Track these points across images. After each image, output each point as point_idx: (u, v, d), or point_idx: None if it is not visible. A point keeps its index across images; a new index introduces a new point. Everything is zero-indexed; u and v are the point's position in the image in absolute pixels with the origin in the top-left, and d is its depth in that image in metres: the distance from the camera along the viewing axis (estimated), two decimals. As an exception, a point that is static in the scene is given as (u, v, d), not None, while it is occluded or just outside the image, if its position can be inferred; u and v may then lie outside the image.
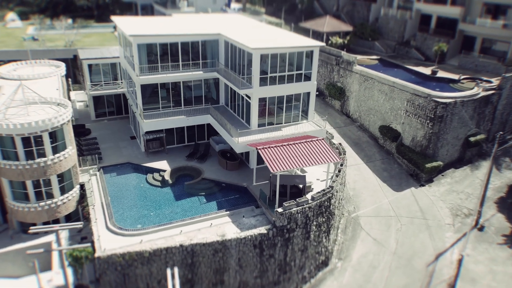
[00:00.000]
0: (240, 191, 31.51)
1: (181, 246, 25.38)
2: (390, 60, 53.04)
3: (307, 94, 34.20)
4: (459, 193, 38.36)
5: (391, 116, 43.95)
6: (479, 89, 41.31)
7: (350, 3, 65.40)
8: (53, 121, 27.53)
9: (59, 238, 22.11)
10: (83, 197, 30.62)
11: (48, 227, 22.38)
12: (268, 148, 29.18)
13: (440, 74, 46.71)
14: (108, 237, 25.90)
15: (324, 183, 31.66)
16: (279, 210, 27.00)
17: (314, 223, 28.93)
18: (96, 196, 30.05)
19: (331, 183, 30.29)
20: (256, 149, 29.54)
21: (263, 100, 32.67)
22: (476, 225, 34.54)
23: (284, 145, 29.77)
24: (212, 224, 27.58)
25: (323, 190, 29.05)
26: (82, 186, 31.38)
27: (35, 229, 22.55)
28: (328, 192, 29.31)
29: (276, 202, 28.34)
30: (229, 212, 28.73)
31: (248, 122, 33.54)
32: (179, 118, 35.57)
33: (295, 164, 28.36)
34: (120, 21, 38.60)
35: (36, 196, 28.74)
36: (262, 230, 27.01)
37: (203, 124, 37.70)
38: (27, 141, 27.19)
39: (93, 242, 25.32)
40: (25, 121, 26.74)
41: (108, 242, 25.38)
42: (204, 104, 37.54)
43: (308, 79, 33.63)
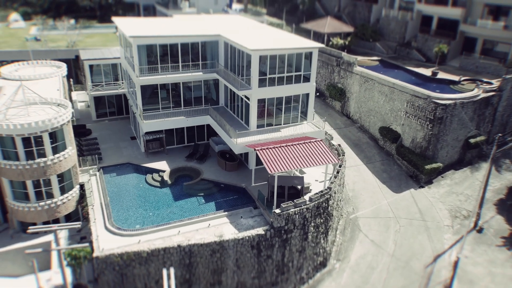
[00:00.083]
0: (239, 192, 31.60)
1: (179, 247, 25.51)
2: (391, 61, 52.99)
3: (306, 95, 34.27)
4: (459, 195, 38.30)
5: (391, 117, 43.95)
6: (479, 91, 41.21)
7: (351, 4, 65.40)
8: (53, 122, 27.74)
9: (58, 238, 22.27)
10: (83, 197, 30.82)
11: (47, 227, 22.58)
12: (267, 149, 29.27)
13: (441, 76, 46.66)
14: (107, 237, 26.08)
15: (323, 184, 31.71)
16: (277, 211, 27.10)
17: (312, 224, 29.00)
18: (96, 196, 30.25)
19: (329, 184, 30.35)
20: (255, 150, 29.62)
21: (262, 101, 32.76)
22: (475, 227, 34.49)
23: (283, 146, 29.85)
24: (210, 225, 27.71)
25: (321, 191, 29.11)
26: (82, 186, 31.57)
27: (34, 229, 22.75)
28: (326, 193, 29.37)
29: (274, 203, 28.42)
30: (227, 213, 28.85)
31: (247, 123, 33.64)
32: (179, 119, 35.72)
33: (293, 165, 28.43)
34: (121, 22, 38.80)
35: (36, 196, 28.95)
36: (260, 231, 27.10)
37: (203, 125, 37.83)
38: (27, 141, 27.42)
39: (92, 242, 25.52)
40: (25, 122, 26.96)
41: (107, 242, 25.55)
42: (204, 105, 37.68)
43: (307, 80, 33.69)
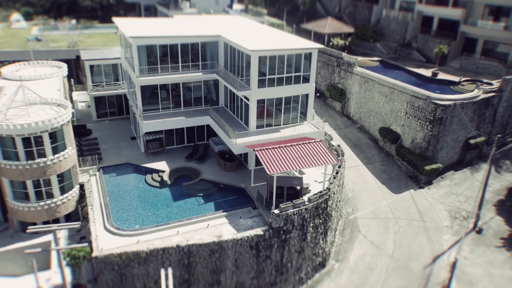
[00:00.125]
0: (238, 192, 31.67)
1: (178, 247, 25.59)
2: (391, 62, 52.98)
3: (306, 96, 34.31)
4: (458, 196, 38.28)
5: (391, 118, 43.95)
6: (479, 92, 41.18)
7: (352, 5, 65.40)
8: (53, 122, 27.86)
9: (57, 238, 22.36)
10: (83, 197, 30.94)
11: (46, 227, 22.70)
12: (265, 150, 29.33)
13: (441, 76, 46.64)
14: (106, 237, 26.18)
15: (322, 185, 31.73)
16: (276, 212, 27.15)
17: (311, 225, 29.04)
18: (95, 196, 30.34)
19: (328, 185, 30.38)
20: (254, 151, 29.68)
21: (262, 102, 32.82)
22: (475, 228, 34.46)
23: (282, 147, 29.90)
24: (209, 225, 27.77)
25: (320, 192, 29.16)
26: (82, 186, 31.70)
27: (33, 229, 22.86)
28: (325, 194, 29.41)
29: (273, 204, 28.47)
30: (226, 213, 28.91)
31: (247, 124, 33.70)
32: (179, 119, 35.81)
33: (292, 166, 28.47)
34: (121, 22, 38.92)
35: (36, 196, 29.08)
36: (259, 231, 27.16)
37: (203, 125, 37.92)
38: (28, 142, 27.55)
39: (91, 242, 25.62)
40: (25, 122, 27.09)
41: (106, 242, 25.65)
42: (204, 105, 37.76)
43: (307, 81, 33.74)
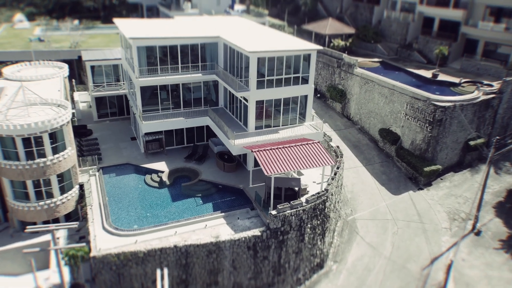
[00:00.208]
0: (236, 193, 31.79)
1: (175, 247, 25.74)
2: (392, 63, 52.95)
3: (305, 97, 34.38)
4: (458, 197, 38.24)
5: (391, 119, 43.95)
6: (479, 93, 41.11)
7: (353, 5, 65.39)
8: (53, 122, 28.07)
9: (55, 238, 22.54)
10: (82, 197, 31.15)
11: (44, 227, 22.90)
12: (264, 151, 29.43)
13: (441, 78, 46.55)
14: (104, 237, 26.36)
15: (320, 186, 31.79)
16: (273, 213, 27.25)
17: (309, 226, 29.12)
18: (94, 196, 30.52)
19: (326, 186, 30.45)
20: (252, 152, 29.79)
21: (261, 103, 32.94)
22: (473, 230, 34.42)
23: (280, 148, 29.99)
24: (207, 226, 27.92)
25: (318, 193, 29.23)
26: (82, 186, 31.92)
27: (31, 229, 23.06)
28: (323, 195, 29.48)
29: (271, 205, 28.58)
30: (224, 214, 29.05)
31: (246, 125, 33.82)
32: (178, 120, 35.95)
33: (290, 167, 28.57)
34: (121, 23, 39.12)
35: (36, 196, 29.31)
36: (256, 232, 27.27)
37: (202, 126, 38.06)
38: (28, 142, 27.79)
39: (89, 242, 25.81)
40: (25, 122, 27.31)
41: (104, 242, 25.84)
42: (204, 106, 37.90)
43: (306, 82, 33.83)
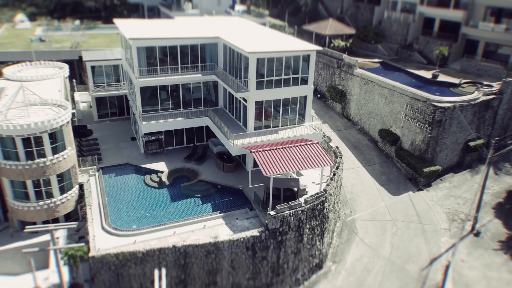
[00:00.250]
0: (236, 193, 31.84)
1: (174, 247, 25.81)
2: (392, 64, 52.93)
3: (304, 98, 34.42)
4: (457, 198, 38.22)
5: (391, 120, 43.95)
6: (479, 94, 41.07)
7: (354, 6, 65.37)
8: (52, 123, 28.18)
9: (54, 238, 22.64)
10: (82, 197, 31.26)
11: (43, 227, 23.01)
12: (262, 151, 29.48)
13: (441, 78, 46.51)
14: (103, 237, 26.45)
15: (319, 187, 31.81)
16: (272, 213, 27.30)
17: (307, 226, 29.15)
18: (94, 197, 30.61)
19: (325, 187, 30.48)
20: (251, 152, 29.83)
21: (260, 104, 32.99)
22: (472, 231, 34.39)
23: (279, 149, 30.04)
24: (206, 226, 27.97)
25: (317, 194, 29.27)
26: (81, 186, 32.04)
27: (30, 229, 23.16)
28: (322, 196, 29.51)
29: (270, 205, 28.62)
30: (223, 214, 29.10)
31: (245, 125, 33.87)
32: (178, 120, 36.03)
33: (288, 168, 28.61)
34: (121, 24, 39.22)
35: (36, 196, 29.43)
36: (255, 233, 27.33)
37: (202, 126, 38.13)
38: (27, 142, 27.90)
39: (88, 242, 25.90)
40: (25, 123, 27.43)
41: (103, 242, 25.91)
42: (203, 107, 37.97)
43: (305, 83, 33.87)
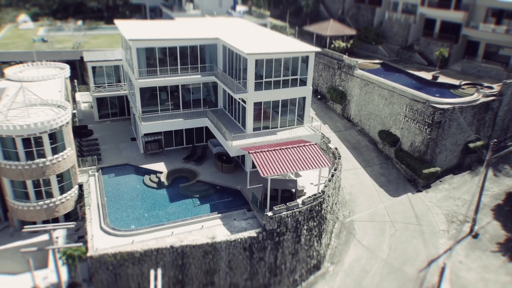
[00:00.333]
0: (234, 194, 31.97)
1: (172, 248, 25.96)
2: (393, 65, 52.90)
3: (303, 99, 34.49)
4: (456, 200, 38.19)
5: (391, 121, 43.96)
6: (479, 95, 41.02)
7: (355, 7, 65.36)
8: (52, 123, 28.39)
9: (52, 237, 22.85)
10: (81, 197, 31.46)
11: (41, 227, 23.21)
12: (260, 152, 29.58)
13: (442, 80, 46.45)
14: (102, 237, 26.63)
15: (317, 188, 31.87)
16: (269, 214, 27.40)
17: (305, 227, 29.23)
18: (93, 197, 30.81)
19: (323, 188, 30.54)
20: (249, 153, 29.95)
21: (259, 105, 33.08)
22: (471, 232, 34.36)
23: (277, 150, 30.13)
24: (203, 227, 28.11)
25: (314, 195, 29.34)
26: (81, 186, 32.25)
27: (29, 228, 23.37)
28: (319, 197, 29.58)
29: (267, 206, 28.73)
30: (221, 215, 29.24)
31: (244, 126, 33.98)
32: (177, 121, 36.19)
33: (286, 169, 28.70)
34: (122, 25, 39.41)
35: (36, 195, 29.67)
36: (252, 233, 27.43)
37: (202, 127, 38.28)
38: (27, 142, 28.14)
39: (87, 242, 26.10)
40: (25, 123, 27.66)
41: (101, 242, 26.09)
42: (203, 107, 38.11)
43: (304, 84, 33.94)
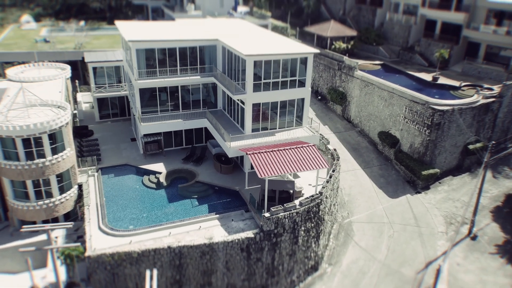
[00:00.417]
0: (232, 195, 32.09)
1: (169, 248, 26.11)
2: (393, 66, 52.86)
3: (302, 100, 34.58)
4: (455, 201, 38.15)
5: (390, 122, 43.96)
6: (479, 97, 40.95)
7: (356, 8, 65.35)
8: (52, 124, 28.62)
9: (51, 237, 23.03)
10: (81, 197, 31.67)
11: (39, 227, 23.41)
12: (258, 153, 29.70)
13: (442, 81, 46.38)
14: (100, 237, 26.81)
15: (315, 189, 31.92)
16: (266, 215, 27.51)
17: (302, 228, 29.32)
18: (92, 197, 31.01)
19: (321, 189, 30.61)
20: (247, 154, 30.07)
21: (257, 106, 33.20)
22: (469, 234, 34.35)
23: (275, 151, 30.23)
24: (201, 227, 28.23)
25: (312, 196, 29.42)
26: (80, 187, 32.47)
27: (27, 228, 23.57)
28: (317, 198, 29.66)
29: (265, 207, 28.83)
30: (219, 216, 29.36)
31: (243, 127, 34.09)
32: (177, 122, 36.34)
33: (283, 170, 28.80)
34: (122, 26, 39.63)
35: (36, 195, 29.91)
36: (249, 234, 27.55)
37: (201, 128, 38.43)
38: (27, 142, 28.38)
39: (85, 242, 26.29)
40: (25, 123, 27.90)
41: (99, 242, 26.27)
42: (202, 108, 38.26)
43: (303, 85, 34.02)
